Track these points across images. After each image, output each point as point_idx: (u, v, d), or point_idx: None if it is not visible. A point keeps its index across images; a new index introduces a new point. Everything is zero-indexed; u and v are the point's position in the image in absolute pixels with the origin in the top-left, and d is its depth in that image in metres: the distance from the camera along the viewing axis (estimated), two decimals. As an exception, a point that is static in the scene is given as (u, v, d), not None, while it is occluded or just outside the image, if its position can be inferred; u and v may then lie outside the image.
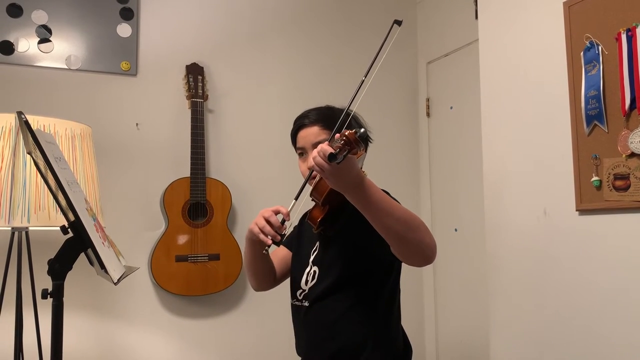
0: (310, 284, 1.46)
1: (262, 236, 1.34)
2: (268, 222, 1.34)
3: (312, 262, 1.49)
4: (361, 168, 1.48)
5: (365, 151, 1.51)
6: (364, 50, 3.06)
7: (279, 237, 1.33)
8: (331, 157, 1.07)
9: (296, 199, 1.36)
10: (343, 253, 1.43)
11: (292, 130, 1.53)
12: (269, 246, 1.34)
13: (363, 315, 1.41)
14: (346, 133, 1.08)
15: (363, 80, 1.37)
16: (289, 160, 1.85)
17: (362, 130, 1.09)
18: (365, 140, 1.10)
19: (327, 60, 2.99)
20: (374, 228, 1.21)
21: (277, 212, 1.36)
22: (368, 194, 1.17)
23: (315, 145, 1.41)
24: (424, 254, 1.22)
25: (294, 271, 1.55)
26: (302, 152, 1.49)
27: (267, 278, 1.59)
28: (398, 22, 1.40)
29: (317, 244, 1.50)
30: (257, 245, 1.46)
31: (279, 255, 1.64)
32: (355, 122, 1.50)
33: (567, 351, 1.86)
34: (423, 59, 3.19)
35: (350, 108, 1.37)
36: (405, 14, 3.24)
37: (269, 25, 2.91)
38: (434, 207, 3.07)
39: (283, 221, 1.34)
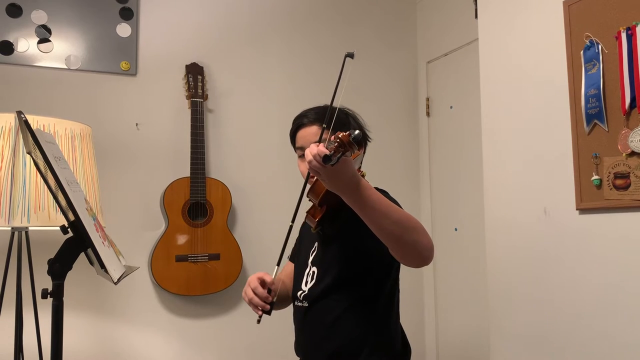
0: (309, 285, 1.46)
1: (252, 307, 1.39)
2: (255, 293, 1.37)
3: (311, 262, 1.49)
4: (359, 168, 1.48)
5: (364, 151, 1.50)
6: (362, 50, 3.06)
7: (267, 307, 1.36)
8: (326, 159, 1.06)
9: (278, 264, 1.39)
10: (342, 253, 1.43)
11: (291, 130, 1.52)
12: (260, 316, 1.37)
13: (362, 316, 1.40)
14: (340, 135, 1.07)
15: (324, 127, 1.35)
16: (289, 160, 1.86)
17: (357, 132, 1.08)
18: (360, 142, 1.09)
19: (326, 60, 2.99)
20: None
21: (262, 281, 1.39)
22: (364, 196, 1.17)
23: None
24: (421, 255, 1.22)
25: (295, 273, 1.55)
26: (302, 152, 1.48)
27: (283, 305, 1.60)
28: (350, 55, 1.41)
29: (316, 244, 1.50)
30: None
31: (289, 271, 1.63)
32: (354, 122, 1.50)
33: (567, 350, 1.86)
34: (423, 59, 3.19)
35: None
36: (405, 14, 3.24)
37: (268, 24, 2.91)
38: (434, 206, 3.07)
39: (269, 290, 1.38)
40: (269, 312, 1.37)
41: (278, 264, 1.39)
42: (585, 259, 1.81)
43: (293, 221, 1.35)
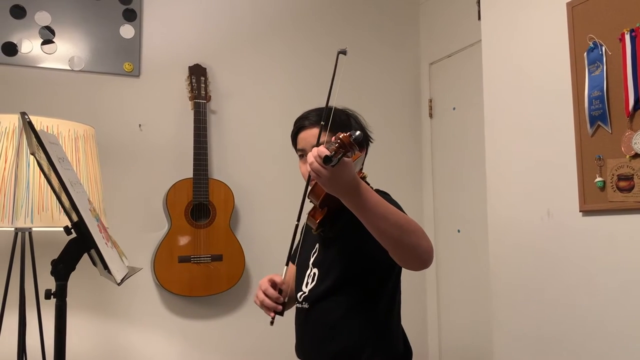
0: (310, 286, 1.46)
1: (264, 310, 1.40)
2: (266, 294, 1.38)
3: (312, 264, 1.49)
4: (361, 170, 1.48)
5: (366, 152, 1.50)
6: (365, 51, 3.07)
7: (280, 308, 1.38)
8: (326, 160, 1.06)
9: (287, 264, 1.41)
10: (342, 254, 1.42)
11: (292, 132, 1.53)
12: (273, 318, 1.38)
13: (363, 317, 1.40)
14: (340, 136, 1.08)
15: (322, 126, 1.38)
16: (291, 161, 1.86)
17: (357, 132, 1.08)
18: (360, 143, 1.09)
19: (329, 61, 2.98)
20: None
21: (272, 282, 1.40)
22: (363, 198, 1.17)
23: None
24: (420, 258, 1.22)
25: (296, 274, 1.55)
26: (303, 154, 1.48)
27: (289, 305, 1.59)
28: (343, 52, 1.45)
29: (317, 245, 1.50)
30: None
31: (293, 273, 1.62)
32: (355, 122, 1.50)
33: (570, 352, 1.85)
34: (426, 60, 3.19)
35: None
36: (407, 15, 3.24)
37: (271, 26, 2.91)
38: (437, 207, 3.07)
39: (280, 291, 1.39)
40: (281, 313, 1.38)
41: (287, 264, 1.40)
42: (588, 260, 1.81)
43: (298, 220, 1.36)
